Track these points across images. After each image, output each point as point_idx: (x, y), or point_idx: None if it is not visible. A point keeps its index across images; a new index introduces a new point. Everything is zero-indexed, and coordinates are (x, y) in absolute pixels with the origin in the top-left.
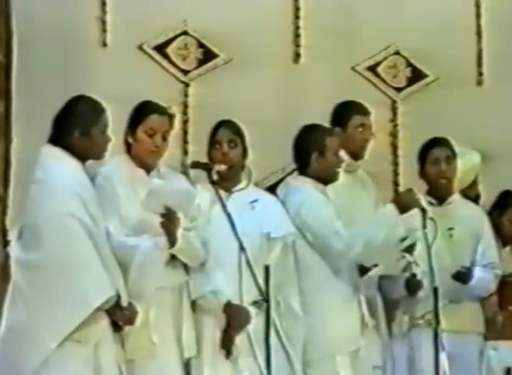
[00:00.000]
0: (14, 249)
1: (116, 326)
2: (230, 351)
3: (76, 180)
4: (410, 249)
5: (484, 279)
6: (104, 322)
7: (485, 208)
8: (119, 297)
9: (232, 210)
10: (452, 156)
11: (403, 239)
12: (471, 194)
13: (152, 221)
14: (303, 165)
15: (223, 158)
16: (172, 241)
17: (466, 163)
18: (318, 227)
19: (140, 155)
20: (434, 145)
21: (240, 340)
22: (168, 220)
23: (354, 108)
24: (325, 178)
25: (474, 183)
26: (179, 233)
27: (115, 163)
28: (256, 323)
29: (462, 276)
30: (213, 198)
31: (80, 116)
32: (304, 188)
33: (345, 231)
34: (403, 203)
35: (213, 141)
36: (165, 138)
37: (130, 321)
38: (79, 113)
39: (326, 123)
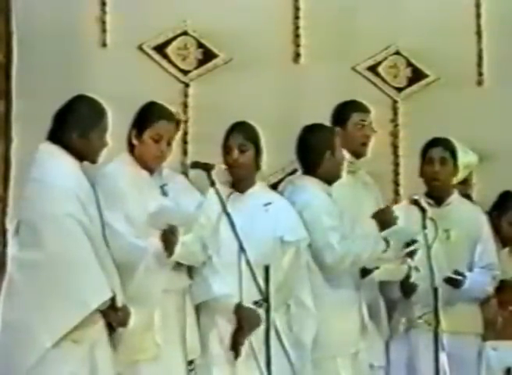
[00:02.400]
0: (11, 246)
1: (110, 328)
2: (239, 353)
3: (74, 181)
4: (411, 254)
5: (480, 282)
6: (100, 322)
7: (484, 207)
8: (113, 298)
9: (245, 211)
10: (449, 157)
11: (409, 244)
12: (461, 192)
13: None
14: (313, 165)
15: (233, 164)
16: (170, 252)
17: (462, 160)
18: (315, 236)
19: (144, 158)
20: (431, 145)
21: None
22: (169, 236)
23: (353, 107)
24: (333, 177)
25: (466, 182)
26: (179, 243)
27: (118, 164)
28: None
29: (454, 282)
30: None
31: (80, 117)
32: (310, 188)
33: (339, 246)
34: (381, 221)
35: (225, 145)
36: (169, 143)
37: (123, 323)
38: (80, 114)
39: (326, 123)
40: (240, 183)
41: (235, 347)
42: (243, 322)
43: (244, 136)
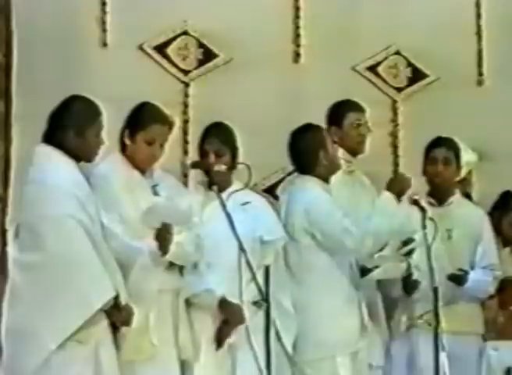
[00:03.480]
0: (11, 249)
1: (114, 327)
2: (222, 344)
3: (72, 181)
4: (408, 253)
5: (482, 281)
6: (104, 322)
7: (484, 207)
8: (117, 296)
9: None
10: (452, 158)
11: (406, 243)
12: (460, 190)
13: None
14: (309, 166)
15: (227, 168)
16: (164, 251)
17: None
18: (329, 226)
19: (135, 159)
20: (435, 145)
21: (238, 339)
22: (163, 234)
23: (349, 106)
24: (331, 172)
25: (465, 181)
26: (173, 242)
27: (111, 163)
28: (256, 323)
29: (457, 278)
30: (205, 198)
31: (76, 116)
32: (311, 187)
33: (354, 229)
34: (397, 187)
35: (201, 149)
36: (162, 146)
37: (127, 322)
38: (75, 113)
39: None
40: (218, 182)
41: (219, 339)
42: (228, 317)
43: (220, 140)
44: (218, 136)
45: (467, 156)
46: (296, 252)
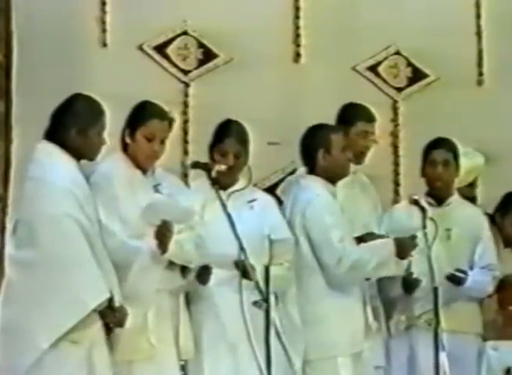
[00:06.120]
0: (8, 245)
1: (107, 328)
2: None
3: (71, 180)
4: None
5: (480, 281)
6: (99, 323)
7: (483, 208)
8: (111, 298)
9: (232, 210)
10: (451, 159)
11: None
12: (467, 194)
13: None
14: (310, 164)
15: (227, 168)
16: (163, 250)
17: (468, 163)
18: (316, 233)
19: (137, 157)
20: (434, 146)
21: (239, 339)
22: (163, 231)
23: (360, 115)
24: (334, 176)
25: (472, 184)
26: (172, 240)
27: (113, 162)
28: (256, 324)
29: (456, 279)
30: (207, 197)
31: (79, 114)
32: (313, 187)
33: (339, 245)
34: (400, 250)
35: (219, 147)
36: (162, 142)
37: (120, 323)
38: (78, 112)
39: (327, 123)
40: (224, 180)
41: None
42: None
43: (240, 142)
44: (238, 138)
45: (472, 161)
46: (298, 252)
